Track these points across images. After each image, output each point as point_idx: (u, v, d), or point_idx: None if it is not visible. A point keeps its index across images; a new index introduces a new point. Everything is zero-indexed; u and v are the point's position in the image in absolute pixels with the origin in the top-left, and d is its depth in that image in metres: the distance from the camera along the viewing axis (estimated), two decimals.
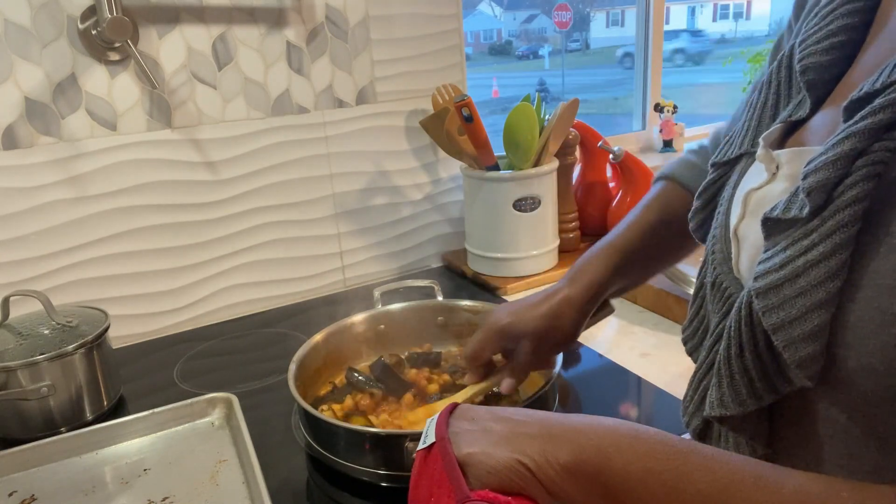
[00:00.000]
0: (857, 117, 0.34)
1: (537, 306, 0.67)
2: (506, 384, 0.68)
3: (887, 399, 0.33)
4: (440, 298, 0.95)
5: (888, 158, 0.33)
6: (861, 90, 0.35)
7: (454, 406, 0.45)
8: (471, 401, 0.69)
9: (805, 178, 0.35)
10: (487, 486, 0.38)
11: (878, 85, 0.34)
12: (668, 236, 0.68)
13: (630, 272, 0.70)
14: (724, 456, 0.36)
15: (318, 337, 0.84)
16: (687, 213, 0.58)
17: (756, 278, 0.37)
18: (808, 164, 0.36)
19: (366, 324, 0.89)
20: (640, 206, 0.70)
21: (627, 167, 1.30)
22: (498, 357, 0.73)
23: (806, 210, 0.35)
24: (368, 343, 0.90)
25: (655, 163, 1.64)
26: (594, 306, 0.68)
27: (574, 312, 0.66)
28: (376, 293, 0.95)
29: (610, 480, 0.36)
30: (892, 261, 0.32)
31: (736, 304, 0.40)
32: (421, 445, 0.43)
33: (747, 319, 0.38)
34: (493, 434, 0.40)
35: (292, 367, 0.76)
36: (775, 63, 0.48)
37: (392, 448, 0.64)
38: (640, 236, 0.68)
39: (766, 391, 0.39)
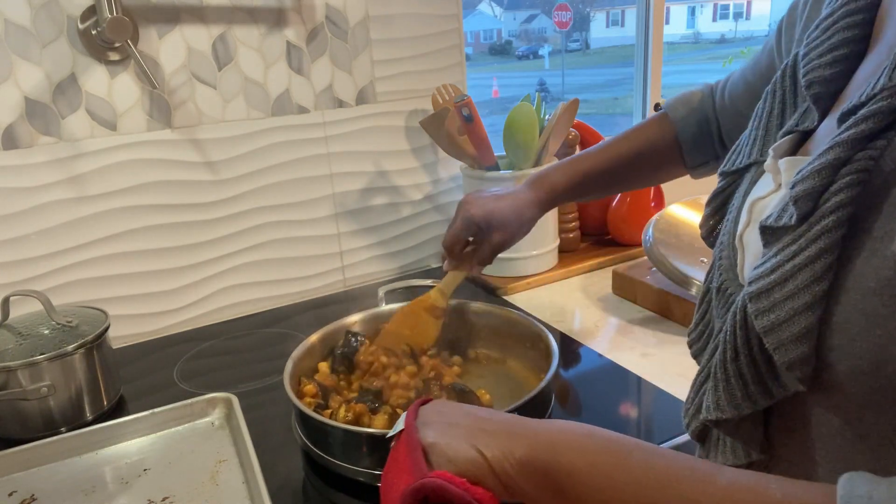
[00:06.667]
0: (842, 128, 0.36)
1: (502, 202, 0.79)
2: (476, 270, 0.84)
3: (876, 402, 0.34)
4: None
5: (871, 167, 0.35)
6: (850, 102, 0.37)
7: (425, 400, 0.48)
8: (455, 285, 0.85)
9: (793, 186, 0.37)
10: (447, 472, 0.40)
11: (863, 98, 0.36)
12: (638, 165, 0.79)
13: (589, 192, 0.83)
14: (664, 452, 0.38)
15: (313, 337, 0.84)
16: (666, 147, 0.75)
17: (750, 283, 0.39)
18: (798, 173, 0.37)
19: (363, 324, 0.89)
20: (624, 132, 0.80)
21: None
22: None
23: (794, 217, 0.36)
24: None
25: None
26: (548, 210, 0.82)
27: (531, 213, 0.80)
28: (380, 292, 0.95)
29: (559, 475, 0.38)
30: (874, 264, 0.33)
31: (732, 309, 0.41)
32: (391, 433, 0.47)
33: (742, 323, 0.40)
34: (458, 427, 0.43)
35: (289, 366, 0.76)
36: (779, 72, 0.50)
37: (388, 449, 0.64)
38: (608, 164, 0.79)
39: (760, 395, 0.40)
